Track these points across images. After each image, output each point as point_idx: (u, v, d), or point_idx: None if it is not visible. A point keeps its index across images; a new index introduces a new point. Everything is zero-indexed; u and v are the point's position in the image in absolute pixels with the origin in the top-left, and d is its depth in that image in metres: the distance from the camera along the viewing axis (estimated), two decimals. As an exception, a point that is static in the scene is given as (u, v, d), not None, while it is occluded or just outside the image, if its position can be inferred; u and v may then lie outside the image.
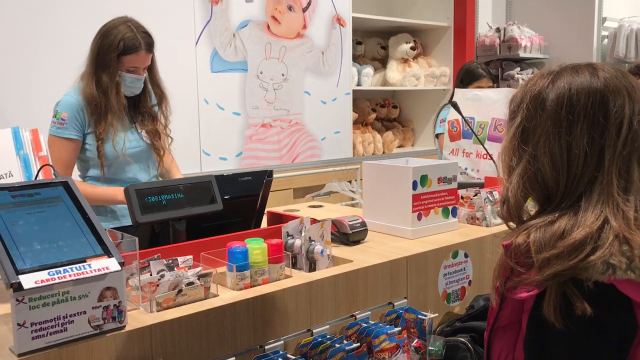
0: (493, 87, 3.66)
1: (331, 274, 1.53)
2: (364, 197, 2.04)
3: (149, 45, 2.24)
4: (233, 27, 3.51)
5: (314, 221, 1.68)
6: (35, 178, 1.37)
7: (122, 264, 1.14)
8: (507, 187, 1.11)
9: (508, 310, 1.10)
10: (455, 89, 3.30)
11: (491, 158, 2.75)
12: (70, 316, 1.09)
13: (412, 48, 4.83)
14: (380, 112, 5.02)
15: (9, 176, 1.37)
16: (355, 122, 4.57)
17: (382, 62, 5.01)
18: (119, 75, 2.21)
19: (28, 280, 1.03)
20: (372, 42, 4.98)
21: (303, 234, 1.57)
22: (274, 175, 3.26)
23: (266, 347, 1.37)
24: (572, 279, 0.96)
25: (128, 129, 2.32)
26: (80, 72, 2.25)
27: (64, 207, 1.22)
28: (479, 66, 3.60)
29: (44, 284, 1.04)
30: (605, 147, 1.02)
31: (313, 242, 1.58)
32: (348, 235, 1.80)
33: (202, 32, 3.38)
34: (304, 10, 3.86)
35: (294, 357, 1.35)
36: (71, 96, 2.23)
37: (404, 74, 4.81)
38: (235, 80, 3.56)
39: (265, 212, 1.95)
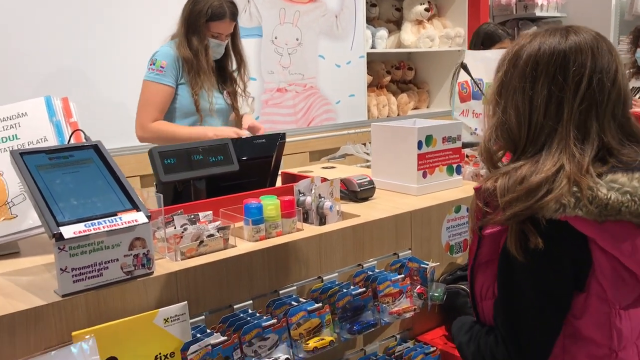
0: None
1: (339, 227, 1.66)
2: (372, 156, 2.15)
3: (234, 14, 2.50)
4: (248, -7, 3.59)
5: (324, 180, 1.80)
6: (68, 142, 1.50)
7: (149, 217, 1.28)
8: (483, 136, 1.24)
9: (486, 249, 1.21)
10: (466, 51, 3.34)
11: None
12: (105, 263, 1.23)
13: (427, 9, 4.84)
14: (396, 75, 5.07)
15: (44, 141, 1.51)
16: (370, 85, 4.64)
17: (396, 24, 5.03)
18: (207, 40, 2.47)
19: (67, 231, 1.17)
20: (387, 4, 5.01)
21: (313, 191, 1.69)
22: (290, 139, 3.39)
23: (280, 292, 1.52)
24: (529, 218, 1.08)
25: (214, 89, 2.56)
26: (172, 32, 2.55)
27: (95, 167, 1.36)
28: (498, 27, 3.60)
29: (81, 234, 1.18)
30: (564, 102, 1.13)
31: (322, 199, 1.70)
32: (356, 192, 1.92)
33: (217, -1, 3.46)
34: (317, -26, 3.91)
35: (305, 300, 1.49)
36: (170, 47, 2.48)
37: (419, 36, 4.84)
38: (250, 46, 3.64)
39: (280, 172, 2.08)
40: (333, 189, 1.78)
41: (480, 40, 3.58)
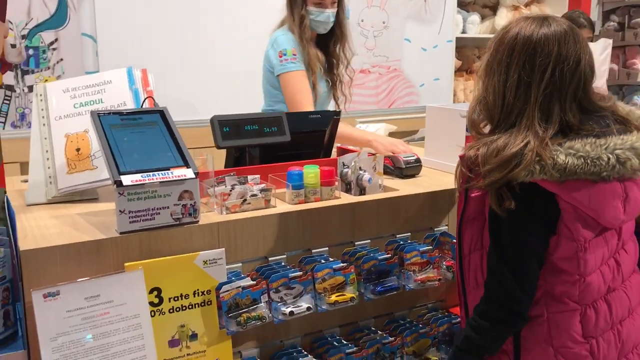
0: (592, 38, 3.59)
1: (375, 198, 1.80)
2: (426, 137, 2.26)
3: None
4: (337, -23, 3.74)
5: (370, 155, 1.95)
6: (141, 107, 1.76)
7: (197, 174, 1.50)
8: (469, 108, 1.46)
9: (472, 207, 1.46)
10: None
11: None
12: (157, 209, 1.46)
13: (523, -5, 4.75)
14: (489, 60, 5.03)
15: (123, 105, 1.77)
16: (459, 70, 4.65)
17: (493, 9, 4.98)
18: (305, 9, 2.38)
19: (126, 179, 1.41)
20: (485, -11, 4.96)
21: (353, 164, 1.84)
22: (371, 118, 3.53)
23: (313, 251, 1.69)
24: (505, 184, 1.33)
25: (319, 73, 2.49)
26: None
27: (158, 129, 1.59)
28: (581, 15, 3.54)
29: (137, 182, 1.42)
30: (531, 87, 1.34)
31: (362, 172, 1.85)
32: (402, 169, 2.04)
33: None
34: (408, -42, 3.97)
35: (333, 259, 1.66)
36: (286, 33, 2.45)
37: (513, 22, 4.76)
38: (337, 28, 3.80)
39: (337, 146, 2.24)
40: (376, 164, 1.91)
41: None
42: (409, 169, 2.05)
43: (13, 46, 3.10)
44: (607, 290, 1.42)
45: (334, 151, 2.23)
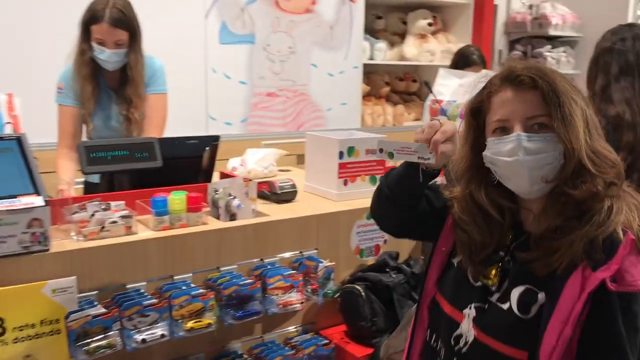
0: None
1: (242, 224, 1.84)
2: (306, 162, 2.32)
3: (114, 19, 2.21)
4: (242, 3, 3.80)
5: (246, 180, 1.98)
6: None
7: (47, 202, 1.49)
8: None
9: None
10: (440, 69, 3.46)
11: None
12: (3, 237, 1.44)
13: (430, 24, 4.96)
14: (399, 86, 5.20)
15: (-16, 130, 1.75)
16: (368, 95, 4.78)
17: (402, 37, 5.16)
18: (87, 44, 2.26)
19: (-32, 208, 1.39)
20: (394, 17, 5.14)
21: (221, 189, 1.87)
22: (277, 141, 3.56)
23: (175, 277, 1.70)
24: None
25: (107, 107, 2.38)
26: None
27: (13, 156, 1.58)
28: (475, 52, 3.71)
29: (-20, 211, 1.40)
30: None
31: (231, 197, 1.88)
32: (278, 194, 2.09)
33: (211, 7, 3.68)
34: (315, -14, 4.08)
35: (194, 285, 1.68)
36: (67, 65, 2.39)
37: (420, 49, 4.96)
38: (242, 52, 3.85)
39: (219, 171, 2.27)
40: (249, 190, 1.95)
41: (456, 60, 3.70)
42: (284, 194, 2.10)
43: None
44: None
45: (216, 176, 2.26)
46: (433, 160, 1.17)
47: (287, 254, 1.91)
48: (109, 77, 2.39)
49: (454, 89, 3.15)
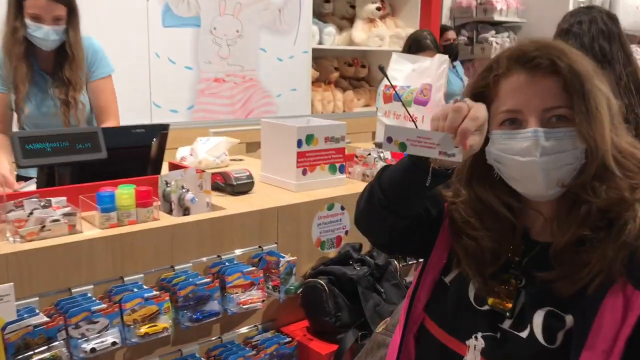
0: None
1: (196, 219, 1.71)
2: (262, 152, 2.21)
3: None
4: (186, -17, 3.61)
5: (199, 172, 1.86)
6: None
7: (-23, 200, 1.33)
8: None
9: None
10: (393, 54, 3.40)
11: (413, 121, 2.89)
12: None
13: (378, 8, 4.89)
14: (348, 71, 5.12)
15: None
16: (317, 80, 4.68)
17: (350, 21, 5.08)
18: (20, 21, 2.04)
19: None
20: (342, 1, 5.05)
21: (173, 182, 1.74)
22: (227, 129, 3.42)
23: (126, 279, 1.57)
24: None
25: (42, 92, 2.19)
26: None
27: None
28: (427, 37, 3.67)
29: None
30: None
31: (183, 190, 1.75)
32: (233, 186, 1.98)
33: (154, -12, 3.49)
34: (262, -32, 3.94)
35: (147, 287, 1.55)
36: None
37: (369, 34, 4.89)
38: (187, 35, 3.67)
39: (167, 162, 2.13)
40: (203, 182, 1.83)
41: (409, 45, 3.65)
42: (240, 186, 1.99)
43: None
44: None
45: (165, 166, 2.12)
46: (460, 157, 0.89)
47: (246, 250, 1.80)
48: (42, 58, 2.18)
49: (407, 74, 3.10)
